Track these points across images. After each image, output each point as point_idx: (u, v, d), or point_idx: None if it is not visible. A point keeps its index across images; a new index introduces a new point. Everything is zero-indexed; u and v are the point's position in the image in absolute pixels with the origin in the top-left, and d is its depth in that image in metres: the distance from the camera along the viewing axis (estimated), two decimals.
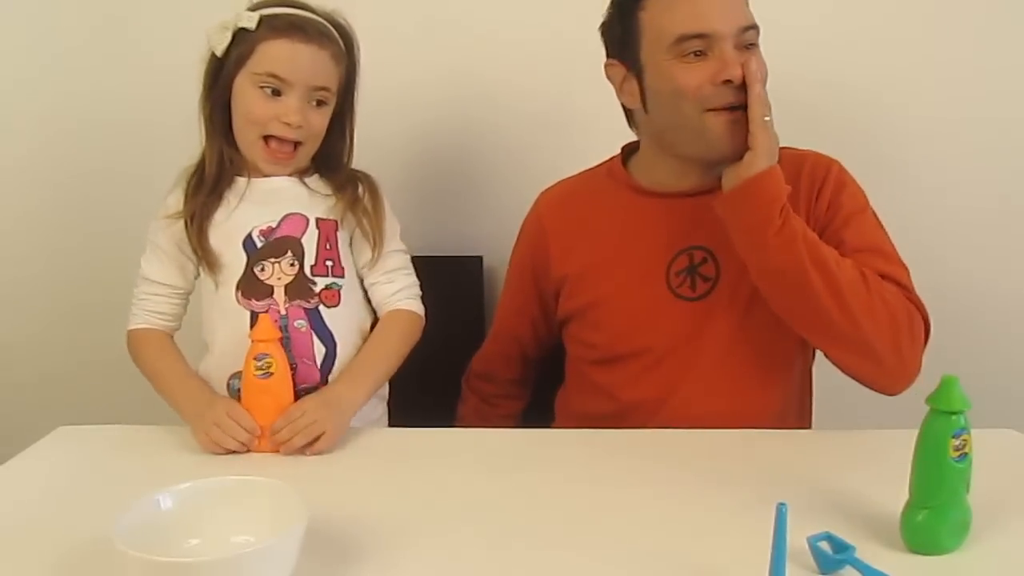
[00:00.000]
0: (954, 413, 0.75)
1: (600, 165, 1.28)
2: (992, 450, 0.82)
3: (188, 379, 1.14)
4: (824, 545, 0.76)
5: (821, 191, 1.14)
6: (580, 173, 1.30)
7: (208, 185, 1.14)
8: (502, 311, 1.38)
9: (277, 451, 1.03)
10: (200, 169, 1.16)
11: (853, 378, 1.07)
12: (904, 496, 0.79)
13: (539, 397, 1.38)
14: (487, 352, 1.39)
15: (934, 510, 0.77)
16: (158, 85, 1.58)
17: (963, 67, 1.52)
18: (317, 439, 1.02)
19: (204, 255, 1.14)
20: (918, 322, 1.08)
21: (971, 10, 1.50)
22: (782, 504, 0.69)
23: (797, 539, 0.73)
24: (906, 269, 1.13)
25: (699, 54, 1.06)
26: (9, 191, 1.65)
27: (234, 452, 1.02)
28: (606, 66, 1.17)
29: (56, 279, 1.69)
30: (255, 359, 1.04)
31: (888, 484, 0.85)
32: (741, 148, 1.07)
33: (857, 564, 0.74)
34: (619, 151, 1.26)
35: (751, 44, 1.08)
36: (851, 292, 1.02)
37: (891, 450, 0.97)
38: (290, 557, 0.71)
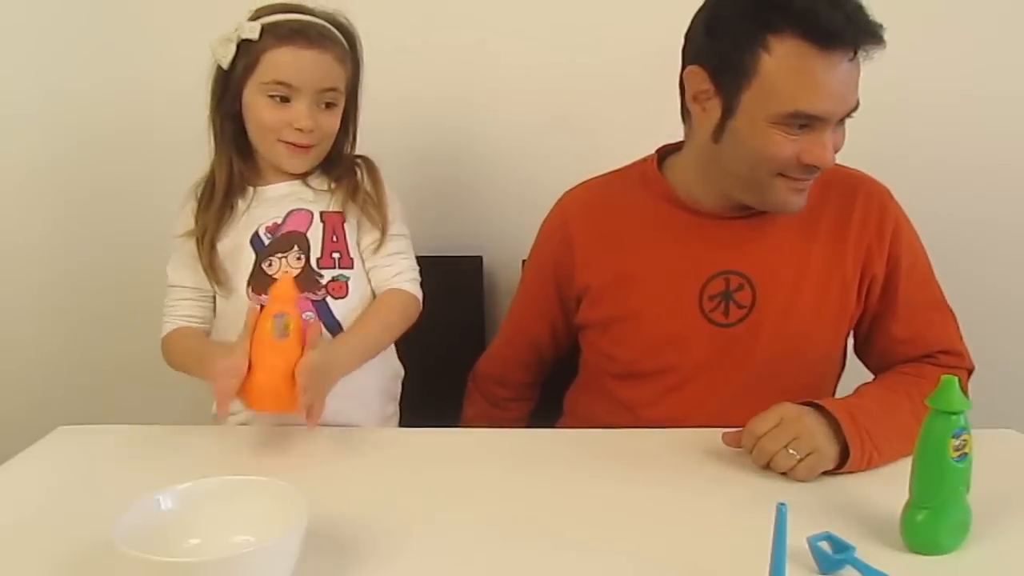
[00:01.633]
0: (954, 413, 0.75)
1: (631, 167, 1.22)
2: (992, 450, 0.83)
3: (207, 350, 1.13)
4: (824, 545, 0.76)
5: (879, 235, 1.11)
6: (608, 174, 1.23)
7: (219, 198, 1.16)
8: (518, 314, 1.33)
9: (272, 408, 1.01)
10: (211, 181, 1.18)
11: None
12: (904, 496, 0.79)
13: (546, 394, 1.36)
14: (500, 356, 1.35)
15: (934, 510, 0.77)
16: (162, 97, 1.58)
17: (966, 67, 1.52)
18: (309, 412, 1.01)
19: (213, 273, 1.15)
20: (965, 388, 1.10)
21: (977, 10, 1.50)
22: (782, 504, 0.69)
23: (797, 539, 0.73)
24: (954, 317, 1.15)
25: (802, 127, 1.00)
26: (11, 193, 1.65)
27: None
28: (689, 72, 1.06)
29: (57, 280, 1.69)
30: (274, 317, 1.01)
31: (888, 484, 0.85)
32: (798, 208, 1.07)
33: (857, 564, 0.74)
34: (654, 153, 1.20)
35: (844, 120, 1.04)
36: None
37: None
38: (290, 557, 0.71)
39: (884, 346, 1.15)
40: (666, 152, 1.20)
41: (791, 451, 0.91)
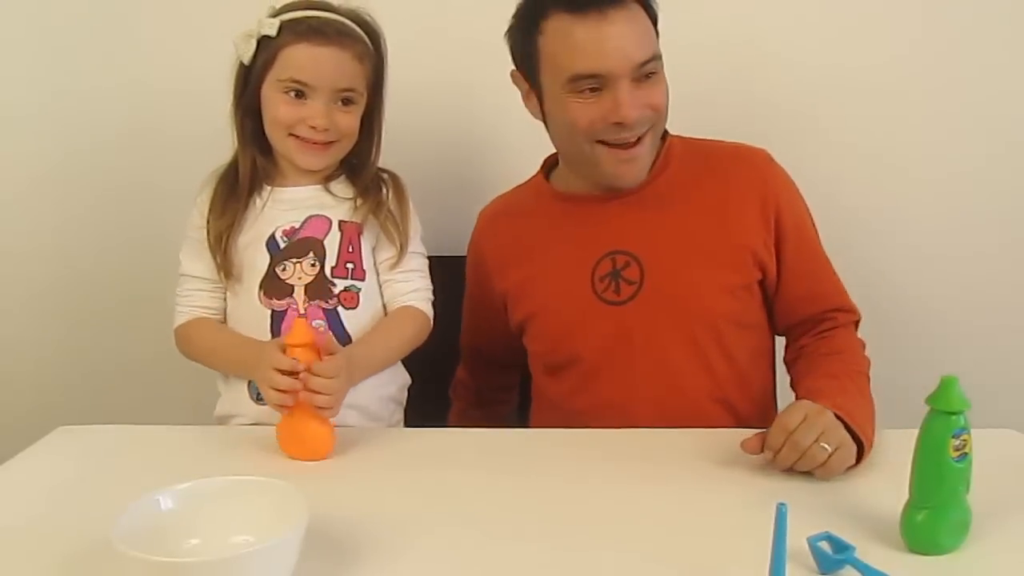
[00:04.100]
0: (954, 413, 0.75)
1: (529, 180, 1.30)
2: (992, 450, 0.82)
3: (242, 346, 1.13)
4: (824, 545, 0.76)
5: (763, 200, 1.16)
6: (512, 189, 1.31)
7: (243, 195, 1.16)
8: (464, 328, 1.38)
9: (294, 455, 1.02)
10: (232, 174, 1.17)
11: None
12: (904, 496, 0.79)
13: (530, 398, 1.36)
14: (464, 363, 1.41)
15: (934, 510, 0.77)
16: (166, 98, 1.58)
17: (961, 64, 1.52)
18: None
19: (223, 264, 1.15)
20: (864, 349, 1.17)
21: (964, 7, 1.50)
22: (782, 504, 0.69)
23: (797, 539, 0.73)
24: (834, 273, 1.20)
25: (594, 90, 1.07)
26: (12, 194, 1.65)
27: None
28: (512, 74, 1.18)
29: (57, 280, 1.69)
30: None
31: (888, 484, 0.85)
32: (632, 181, 1.14)
33: (857, 564, 0.74)
34: (541, 164, 1.28)
35: (651, 74, 1.09)
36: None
37: (891, 450, 0.98)
38: (290, 557, 0.71)
39: (785, 304, 1.20)
40: (553, 160, 1.26)
41: (823, 444, 0.91)
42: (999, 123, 1.53)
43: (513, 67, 1.18)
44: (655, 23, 1.12)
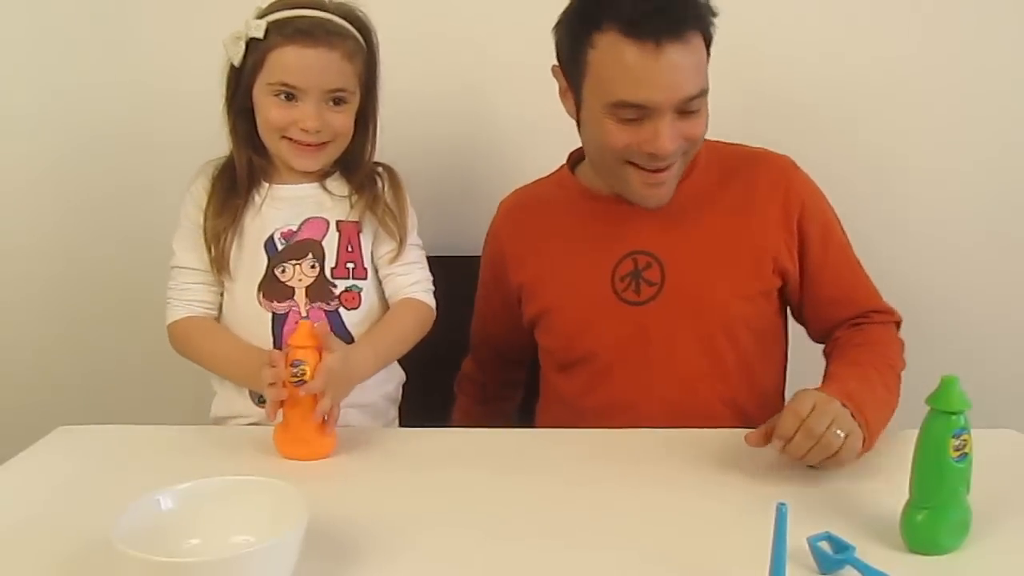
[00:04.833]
0: (954, 413, 0.75)
1: (553, 172, 1.29)
2: (992, 450, 0.82)
3: (243, 355, 1.12)
4: (824, 545, 0.76)
5: (787, 207, 1.16)
6: (535, 181, 1.30)
7: (242, 192, 1.15)
8: (475, 319, 1.38)
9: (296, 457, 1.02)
10: (229, 172, 1.17)
11: None
12: (904, 496, 0.79)
13: (535, 395, 1.36)
14: (471, 358, 1.40)
15: (934, 510, 0.77)
16: (163, 98, 1.58)
17: (963, 64, 1.52)
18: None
19: (218, 260, 1.14)
20: (903, 350, 1.16)
21: (964, 8, 1.50)
22: (782, 504, 0.69)
23: (797, 539, 0.73)
24: (868, 277, 1.19)
25: (635, 119, 1.04)
26: (12, 194, 1.65)
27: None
28: (553, 68, 1.15)
29: (57, 280, 1.69)
30: (291, 365, 1.00)
31: (888, 484, 0.85)
32: (657, 203, 1.13)
33: (857, 564, 0.74)
34: (567, 157, 1.27)
35: (695, 109, 1.06)
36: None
37: (891, 450, 0.98)
38: (290, 557, 0.71)
39: (816, 310, 1.20)
40: (580, 156, 1.24)
41: (837, 431, 0.90)
42: (1001, 124, 1.54)
43: (556, 62, 1.14)
44: (709, 45, 1.07)
